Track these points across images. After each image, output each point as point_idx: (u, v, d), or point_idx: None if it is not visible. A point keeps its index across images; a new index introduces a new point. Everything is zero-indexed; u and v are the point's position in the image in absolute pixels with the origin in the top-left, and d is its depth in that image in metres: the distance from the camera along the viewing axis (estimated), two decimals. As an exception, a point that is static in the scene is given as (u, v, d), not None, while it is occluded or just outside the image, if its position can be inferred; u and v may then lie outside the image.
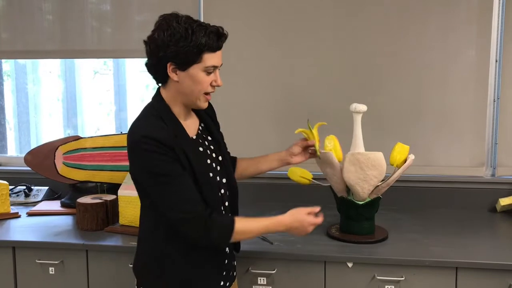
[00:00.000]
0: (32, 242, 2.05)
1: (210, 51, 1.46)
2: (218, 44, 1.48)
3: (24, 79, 2.96)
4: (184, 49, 1.44)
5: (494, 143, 2.43)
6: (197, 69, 1.47)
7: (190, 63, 1.46)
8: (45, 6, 2.68)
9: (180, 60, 1.45)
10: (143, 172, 1.47)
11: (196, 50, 1.44)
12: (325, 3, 2.45)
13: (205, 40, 1.44)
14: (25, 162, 2.42)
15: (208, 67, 1.48)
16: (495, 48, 2.38)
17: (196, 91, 1.50)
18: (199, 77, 1.48)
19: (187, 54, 1.44)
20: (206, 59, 1.47)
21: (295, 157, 1.86)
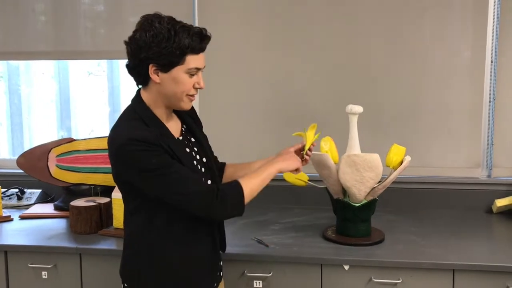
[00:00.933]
0: (24, 246, 2.02)
1: (193, 53, 1.44)
2: (201, 46, 1.46)
3: (17, 81, 2.93)
4: (167, 50, 1.41)
5: (490, 144, 2.43)
6: (179, 71, 1.45)
7: (173, 64, 1.44)
8: (38, 7, 2.66)
9: (163, 61, 1.43)
10: (135, 173, 1.43)
11: (179, 52, 1.42)
12: (321, 4, 2.44)
13: (188, 42, 1.42)
14: (18, 165, 2.40)
15: (191, 69, 1.46)
16: (490, 49, 2.38)
17: (179, 93, 1.48)
18: (181, 79, 1.46)
19: (169, 56, 1.42)
20: (189, 61, 1.45)
21: None
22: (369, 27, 2.42)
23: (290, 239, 2.01)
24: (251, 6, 2.49)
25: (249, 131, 2.54)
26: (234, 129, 2.51)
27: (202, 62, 1.49)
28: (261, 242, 1.95)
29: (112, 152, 1.46)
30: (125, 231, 1.60)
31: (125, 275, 1.60)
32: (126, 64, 1.51)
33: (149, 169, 1.41)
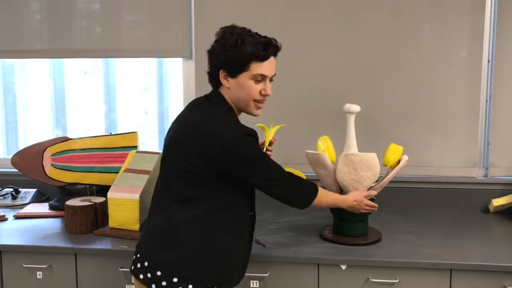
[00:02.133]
0: (19, 246, 2.00)
1: (257, 60, 1.57)
2: (264, 54, 1.57)
3: (12, 79, 2.91)
4: (233, 57, 1.56)
5: (486, 143, 2.43)
6: (245, 77, 1.58)
7: (239, 71, 1.58)
8: (33, 5, 2.64)
9: (230, 67, 1.58)
10: (240, 162, 1.55)
11: (243, 59, 1.56)
12: (319, 5, 2.43)
13: (251, 50, 1.55)
14: (12, 164, 2.37)
15: (255, 75, 1.58)
16: (487, 49, 2.38)
17: (245, 98, 1.61)
18: (247, 85, 1.59)
19: (235, 62, 1.57)
20: (253, 68, 1.57)
21: None
22: (366, 27, 2.42)
23: (287, 238, 2.01)
24: (249, 4, 2.48)
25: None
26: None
27: (268, 69, 1.60)
28: (258, 242, 1.94)
29: (217, 142, 1.53)
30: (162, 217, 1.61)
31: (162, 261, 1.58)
32: (207, 72, 1.66)
33: (256, 159, 1.58)
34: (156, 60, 2.79)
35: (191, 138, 1.57)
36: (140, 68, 2.88)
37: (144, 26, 2.59)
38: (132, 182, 2.08)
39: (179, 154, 1.59)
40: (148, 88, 2.89)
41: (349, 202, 1.82)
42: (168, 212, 1.61)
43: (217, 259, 1.59)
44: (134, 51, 2.62)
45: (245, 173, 1.59)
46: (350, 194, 1.86)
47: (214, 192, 1.59)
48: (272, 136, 1.84)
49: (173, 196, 1.61)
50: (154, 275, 1.57)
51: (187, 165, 1.56)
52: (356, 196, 1.83)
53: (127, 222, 2.05)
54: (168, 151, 1.65)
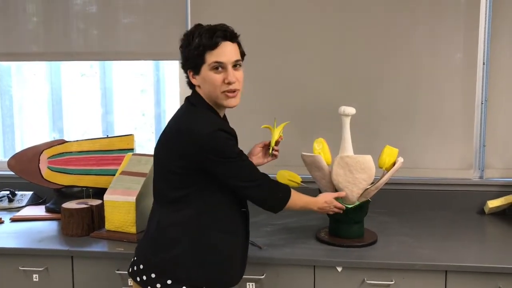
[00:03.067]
0: (15, 249, 2.01)
1: (208, 49, 1.54)
2: (213, 40, 1.53)
3: (8, 82, 2.91)
4: (188, 54, 1.57)
5: (482, 145, 2.44)
6: (205, 69, 1.56)
7: (198, 65, 1.56)
8: (30, 8, 2.64)
9: (191, 64, 1.58)
10: (216, 159, 1.53)
11: (196, 52, 1.54)
12: (316, 8, 2.44)
13: (199, 40, 1.54)
14: (9, 167, 2.37)
15: (211, 64, 1.54)
16: (482, 51, 2.39)
17: (212, 90, 1.58)
18: (209, 77, 1.56)
19: (192, 58, 1.56)
20: (208, 58, 1.55)
21: (254, 157, 1.89)
22: (362, 30, 2.43)
23: (283, 240, 2.01)
24: (244, 7, 2.48)
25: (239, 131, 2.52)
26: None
27: (223, 55, 1.55)
28: (254, 244, 1.95)
29: (193, 139, 1.53)
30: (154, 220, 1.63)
31: (156, 264, 1.59)
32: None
33: (231, 156, 1.55)
34: (153, 62, 2.79)
35: (172, 139, 1.58)
36: (137, 71, 2.88)
37: (140, 28, 2.59)
38: (128, 184, 2.09)
39: (163, 156, 1.61)
40: (145, 90, 2.90)
41: (319, 203, 1.81)
42: (159, 215, 1.62)
43: (209, 259, 1.59)
44: (130, 54, 2.63)
45: (221, 171, 1.56)
46: (320, 195, 1.86)
47: (201, 192, 1.58)
48: (278, 135, 1.85)
49: (162, 198, 1.62)
50: (148, 277, 1.58)
51: (171, 166, 1.57)
52: (326, 197, 1.84)
53: (124, 225, 2.05)
54: (155, 154, 1.67)
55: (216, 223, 1.60)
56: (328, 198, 1.84)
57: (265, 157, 1.91)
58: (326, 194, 1.87)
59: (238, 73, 1.59)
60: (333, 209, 1.85)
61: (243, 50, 1.64)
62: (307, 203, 1.78)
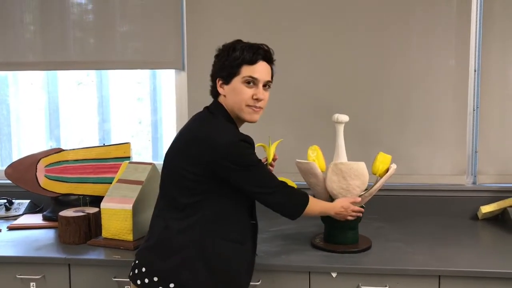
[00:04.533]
0: (12, 257, 2.01)
1: (246, 63, 1.63)
2: (253, 57, 1.63)
3: (5, 91, 2.93)
4: (225, 63, 1.64)
5: (474, 151, 2.47)
6: (237, 81, 1.63)
7: (231, 75, 1.63)
8: (27, 17, 2.66)
9: (224, 73, 1.64)
10: (236, 167, 1.57)
11: (234, 63, 1.62)
12: (309, 16, 2.48)
13: (239, 53, 1.62)
14: (6, 175, 2.38)
15: (245, 78, 1.62)
16: (473, 59, 2.43)
17: (238, 102, 1.64)
18: (239, 89, 1.63)
19: (227, 67, 1.63)
20: (243, 71, 1.63)
21: None
22: (355, 38, 2.46)
23: (278, 247, 2.03)
24: (241, 16, 2.52)
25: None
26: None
27: (259, 73, 1.64)
28: (249, 250, 1.97)
29: (214, 147, 1.57)
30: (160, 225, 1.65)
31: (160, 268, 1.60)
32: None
33: (251, 165, 1.61)
34: (150, 70, 2.82)
35: (189, 146, 1.61)
36: (134, 79, 2.91)
37: (137, 38, 2.62)
38: (125, 192, 2.10)
39: (177, 162, 1.63)
40: (142, 98, 2.92)
41: (336, 208, 1.84)
42: (166, 220, 1.64)
43: (214, 267, 1.60)
44: (127, 63, 2.65)
45: (240, 179, 1.60)
46: (337, 201, 1.89)
47: (211, 200, 1.61)
48: (273, 153, 1.88)
49: (171, 203, 1.64)
50: (151, 281, 1.59)
51: (184, 173, 1.59)
52: (343, 202, 1.86)
53: (120, 232, 2.07)
54: (167, 160, 1.69)
55: (224, 231, 1.62)
56: (345, 203, 1.86)
57: None
58: (343, 199, 1.89)
59: (266, 93, 1.68)
60: (351, 214, 1.87)
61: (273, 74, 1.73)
62: (324, 208, 1.84)
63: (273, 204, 1.68)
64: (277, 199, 1.67)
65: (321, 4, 2.47)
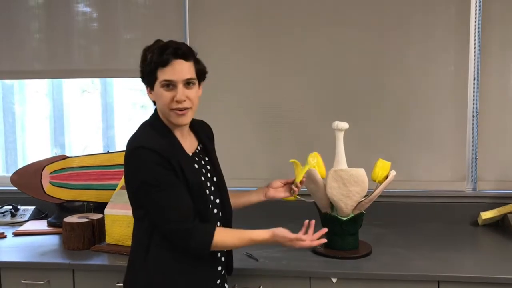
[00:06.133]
0: (18, 263, 2.04)
1: (160, 66, 1.52)
2: (163, 58, 1.51)
3: (11, 99, 2.97)
4: (143, 69, 1.57)
5: (474, 158, 2.48)
6: (157, 86, 1.55)
7: (151, 81, 1.56)
8: (32, 26, 2.69)
9: (145, 80, 1.59)
10: (136, 180, 1.53)
11: (149, 69, 1.54)
12: (309, 24, 2.51)
13: (150, 57, 1.53)
14: (12, 182, 2.41)
15: (161, 82, 1.53)
16: (473, 66, 2.45)
17: (163, 107, 1.56)
18: (159, 94, 1.55)
19: (145, 74, 1.56)
20: (159, 75, 1.53)
21: (272, 190, 1.87)
22: (355, 45, 2.49)
23: (279, 253, 2.04)
24: (241, 25, 2.55)
25: (237, 145, 2.58)
26: (225, 143, 2.54)
27: (173, 74, 1.52)
28: (251, 256, 1.99)
29: (125, 156, 1.56)
30: (133, 238, 1.66)
31: (125, 283, 1.65)
32: None
33: (147, 182, 1.50)
34: (153, 79, 2.85)
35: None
36: (137, 86, 2.94)
37: (141, 46, 2.64)
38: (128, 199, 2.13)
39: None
40: (145, 105, 2.95)
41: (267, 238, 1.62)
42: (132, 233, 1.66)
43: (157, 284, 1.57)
44: (131, 71, 2.66)
45: (141, 196, 1.53)
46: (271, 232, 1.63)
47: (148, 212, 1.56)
48: (302, 175, 1.83)
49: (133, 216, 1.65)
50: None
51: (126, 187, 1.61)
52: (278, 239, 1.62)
53: (124, 238, 2.09)
54: None
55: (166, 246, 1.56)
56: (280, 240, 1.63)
57: (285, 192, 1.87)
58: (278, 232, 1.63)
59: (190, 92, 1.54)
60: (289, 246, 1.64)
61: (204, 67, 1.61)
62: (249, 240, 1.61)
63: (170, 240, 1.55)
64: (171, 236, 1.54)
65: (320, 11, 2.49)
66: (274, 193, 1.87)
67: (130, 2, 2.63)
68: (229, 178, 1.80)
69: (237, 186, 2.34)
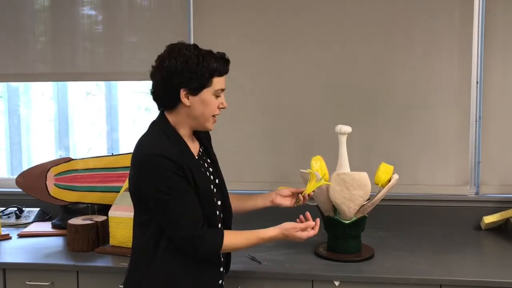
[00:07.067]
0: (22, 264, 2.06)
1: (219, 75, 1.58)
2: (226, 68, 1.60)
3: (17, 101, 2.99)
4: (197, 74, 1.54)
5: (477, 162, 2.48)
6: (208, 93, 1.57)
7: (202, 87, 1.56)
8: (38, 29, 2.71)
9: (193, 85, 1.55)
10: (149, 188, 1.53)
11: (207, 75, 1.55)
12: (312, 26, 2.52)
13: (215, 65, 1.56)
14: (17, 184, 2.43)
15: (217, 90, 1.58)
16: (476, 71, 2.45)
17: (207, 113, 1.59)
18: (209, 101, 1.58)
19: (200, 79, 1.55)
20: (215, 83, 1.58)
21: (279, 197, 1.87)
22: (359, 50, 2.50)
23: (282, 255, 2.05)
24: (246, 25, 2.56)
25: (239, 148, 2.59)
26: (226, 145, 2.55)
27: (224, 84, 1.61)
28: (254, 259, 2.00)
29: (136, 162, 1.55)
30: (132, 243, 1.66)
31: (127, 286, 1.66)
32: (152, 91, 1.62)
33: (159, 190, 1.51)
34: (157, 82, 2.86)
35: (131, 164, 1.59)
36: (142, 89, 2.96)
37: (145, 49, 2.66)
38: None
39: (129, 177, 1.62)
40: (150, 108, 2.97)
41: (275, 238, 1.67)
42: (133, 237, 1.67)
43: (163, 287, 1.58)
44: (136, 74, 2.69)
45: (152, 202, 1.54)
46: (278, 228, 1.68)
47: (155, 217, 1.57)
48: (314, 189, 1.84)
49: (134, 221, 1.66)
50: None
51: (131, 191, 1.61)
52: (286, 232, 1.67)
53: (128, 240, 2.10)
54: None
55: (171, 250, 1.57)
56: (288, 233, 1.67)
57: (292, 201, 1.87)
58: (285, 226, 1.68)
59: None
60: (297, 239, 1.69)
61: None
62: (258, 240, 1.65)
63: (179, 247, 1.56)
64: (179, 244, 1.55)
65: (326, 15, 2.50)
66: (281, 201, 1.87)
67: (135, 5, 2.65)
68: (231, 181, 1.82)
69: (239, 188, 2.36)
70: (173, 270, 1.59)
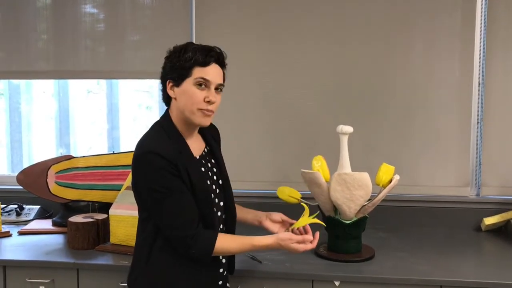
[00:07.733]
0: (23, 261, 2.06)
1: (199, 65, 1.55)
2: (206, 58, 1.56)
3: (18, 99, 2.99)
4: (176, 64, 1.56)
5: (478, 163, 2.49)
6: (189, 83, 1.55)
7: (182, 77, 1.55)
8: (40, 26, 2.71)
9: (174, 74, 1.56)
10: (144, 185, 1.54)
11: (186, 65, 1.54)
12: (313, 28, 2.52)
13: (191, 54, 1.55)
14: (18, 181, 2.43)
15: (197, 79, 1.55)
16: (477, 72, 2.45)
17: (189, 105, 1.56)
18: (191, 91, 1.55)
19: (178, 68, 1.55)
20: (195, 73, 1.55)
21: (269, 221, 1.81)
22: (360, 50, 2.50)
23: (282, 255, 2.05)
24: (248, 26, 2.56)
25: (240, 148, 2.60)
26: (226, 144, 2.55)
27: (211, 75, 1.57)
28: (254, 258, 2.00)
29: (133, 159, 1.56)
30: (137, 239, 1.67)
31: (129, 283, 1.66)
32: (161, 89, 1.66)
33: (152, 188, 1.52)
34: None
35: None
36: (142, 87, 2.96)
37: (147, 47, 2.66)
38: (133, 199, 2.08)
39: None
40: (150, 107, 2.97)
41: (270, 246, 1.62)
42: (137, 233, 1.67)
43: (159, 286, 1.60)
44: (137, 73, 2.69)
45: (144, 199, 1.56)
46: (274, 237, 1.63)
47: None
48: (304, 224, 1.71)
49: (138, 216, 1.67)
50: None
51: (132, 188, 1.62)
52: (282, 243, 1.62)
53: (128, 238, 2.11)
54: None
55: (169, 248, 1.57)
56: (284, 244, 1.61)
57: (281, 229, 1.80)
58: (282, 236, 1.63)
59: (218, 97, 1.60)
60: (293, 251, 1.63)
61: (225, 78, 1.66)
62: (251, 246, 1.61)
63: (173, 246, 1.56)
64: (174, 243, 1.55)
65: (326, 15, 2.51)
66: (269, 226, 1.81)
67: (137, 3, 2.65)
68: (232, 181, 1.81)
69: (240, 188, 2.36)
70: (168, 269, 1.59)
